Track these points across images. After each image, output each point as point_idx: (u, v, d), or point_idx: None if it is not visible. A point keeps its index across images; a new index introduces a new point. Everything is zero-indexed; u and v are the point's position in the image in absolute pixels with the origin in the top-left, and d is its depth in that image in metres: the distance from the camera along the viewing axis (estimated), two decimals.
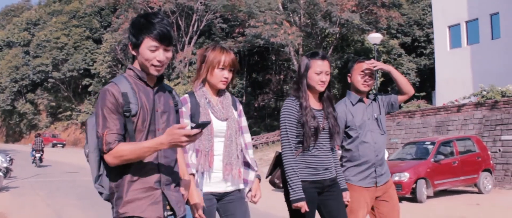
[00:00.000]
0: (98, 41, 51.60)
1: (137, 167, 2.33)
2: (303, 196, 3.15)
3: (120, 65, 49.25)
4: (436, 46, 24.70)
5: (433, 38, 27.66)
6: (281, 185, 3.39)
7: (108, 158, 2.29)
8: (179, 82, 38.52)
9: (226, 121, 3.00)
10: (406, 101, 15.40)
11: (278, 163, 3.41)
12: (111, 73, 48.86)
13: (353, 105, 3.65)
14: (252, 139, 29.31)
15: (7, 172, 18.11)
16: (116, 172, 2.35)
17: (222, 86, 3.01)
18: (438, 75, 24.21)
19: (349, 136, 3.63)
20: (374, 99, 3.76)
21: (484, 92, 15.65)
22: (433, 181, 11.62)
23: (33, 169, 23.26)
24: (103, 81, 47.40)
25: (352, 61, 3.78)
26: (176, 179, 2.48)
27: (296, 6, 31.96)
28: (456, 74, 22.61)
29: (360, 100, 3.67)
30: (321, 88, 3.31)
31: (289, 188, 3.18)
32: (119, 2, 45.15)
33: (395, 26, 40.63)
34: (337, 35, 33.61)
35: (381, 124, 3.69)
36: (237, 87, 44.89)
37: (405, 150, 13.26)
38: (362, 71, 3.64)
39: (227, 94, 3.11)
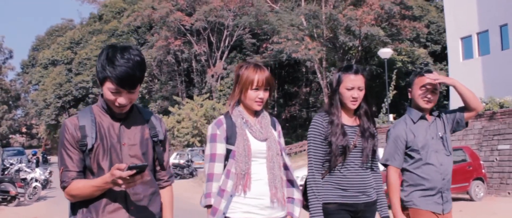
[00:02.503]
0: None
1: (105, 205, 2.24)
2: None
3: (156, 80, 51.63)
4: (449, 58, 25.41)
5: None
6: None
7: (65, 195, 2.26)
8: (208, 97, 40.16)
9: (265, 141, 2.82)
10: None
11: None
12: (148, 88, 51.25)
13: (414, 123, 3.34)
14: None
15: (47, 183, 20.15)
16: (86, 207, 2.26)
17: (257, 107, 2.81)
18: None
19: (411, 157, 3.30)
20: (438, 116, 3.41)
21: (483, 104, 16.41)
22: None
23: None
24: (140, 96, 49.77)
25: (413, 74, 3.45)
26: (152, 216, 2.35)
27: (317, 21, 33.22)
28: (469, 85, 23.11)
29: (422, 117, 3.34)
30: (352, 105, 3.05)
31: (310, 212, 3.01)
32: (154, 21, 47.40)
33: (424, 35, 41.18)
34: (359, 48, 34.60)
35: (447, 144, 3.35)
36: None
37: None
38: (423, 86, 3.30)
39: (265, 114, 2.91)
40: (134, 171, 2.02)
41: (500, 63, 22.03)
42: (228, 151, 2.76)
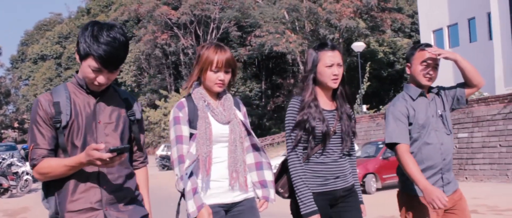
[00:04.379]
0: None
1: (77, 185, 2.18)
2: (316, 208, 2.77)
3: (145, 74, 52.43)
4: None
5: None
6: (286, 195, 3.00)
7: (35, 174, 2.19)
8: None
9: (228, 124, 2.73)
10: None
11: (284, 170, 3.00)
12: (136, 82, 52.04)
13: (414, 100, 3.11)
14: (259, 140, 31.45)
15: None
16: (58, 189, 2.19)
17: (218, 89, 2.71)
18: None
19: (410, 136, 3.07)
20: (437, 94, 3.18)
21: None
22: (381, 176, 13.71)
23: None
24: (129, 89, 50.55)
25: (412, 48, 3.21)
26: (127, 196, 2.29)
27: (298, 15, 34.20)
28: (440, 77, 24.31)
29: (421, 94, 3.12)
30: (333, 84, 2.84)
31: (299, 201, 2.80)
32: (141, 15, 48.08)
33: (408, 25, 42.31)
34: (340, 40, 35.64)
35: (447, 122, 3.14)
36: (254, 90, 47.42)
37: (363, 149, 15.39)
38: (424, 61, 3.06)
39: (228, 95, 2.82)
40: (115, 154, 1.99)
41: (469, 55, 22.86)
42: (191, 135, 2.69)
